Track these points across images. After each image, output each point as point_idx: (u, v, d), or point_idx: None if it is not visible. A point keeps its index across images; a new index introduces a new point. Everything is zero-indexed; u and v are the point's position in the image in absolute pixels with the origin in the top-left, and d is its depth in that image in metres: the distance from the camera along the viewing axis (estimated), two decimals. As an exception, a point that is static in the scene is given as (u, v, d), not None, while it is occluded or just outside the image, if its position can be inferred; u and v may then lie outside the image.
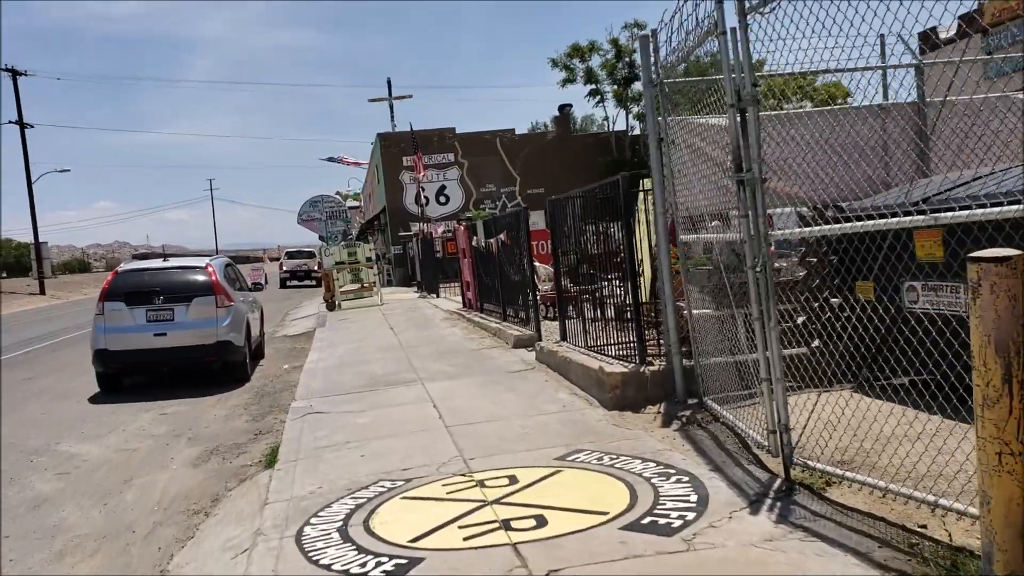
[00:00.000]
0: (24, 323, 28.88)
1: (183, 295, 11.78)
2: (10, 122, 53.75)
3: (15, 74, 53.55)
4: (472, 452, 6.29)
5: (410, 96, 40.40)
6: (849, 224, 4.47)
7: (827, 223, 5.09)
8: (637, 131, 36.84)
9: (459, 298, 21.32)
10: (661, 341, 7.87)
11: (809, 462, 4.86)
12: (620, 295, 8.68)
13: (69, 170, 61.33)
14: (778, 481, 4.95)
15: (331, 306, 22.62)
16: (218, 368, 12.01)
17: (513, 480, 5.47)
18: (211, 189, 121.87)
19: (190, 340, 11.61)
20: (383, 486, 5.65)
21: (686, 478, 5.20)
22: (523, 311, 12.77)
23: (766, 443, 5.26)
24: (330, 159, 41.18)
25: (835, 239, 6.99)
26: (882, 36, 7.44)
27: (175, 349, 11.59)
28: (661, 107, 7.15)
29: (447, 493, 5.36)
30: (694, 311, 7.17)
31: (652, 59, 7.15)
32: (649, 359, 7.65)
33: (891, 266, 6.21)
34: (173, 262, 12.64)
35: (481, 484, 5.44)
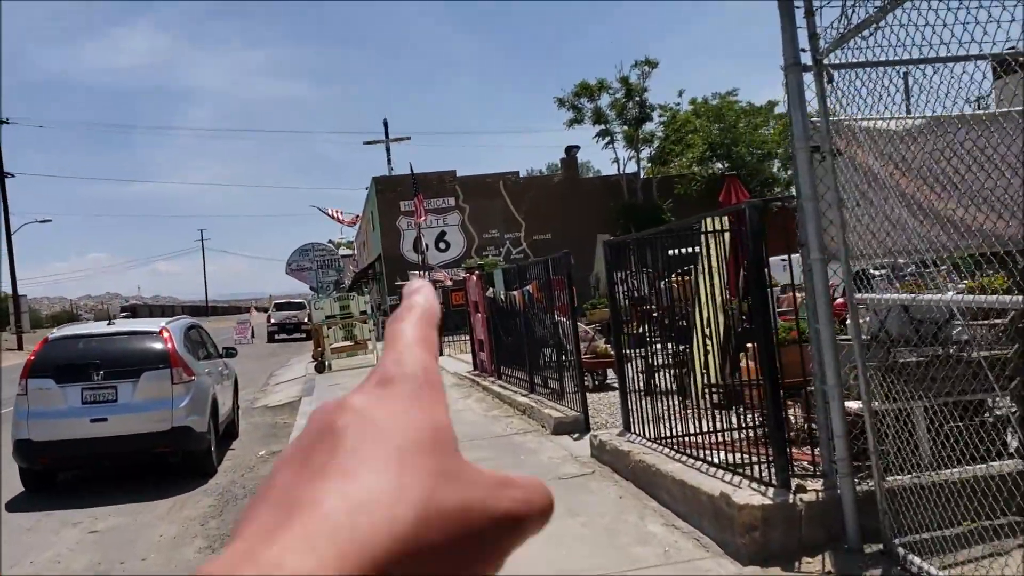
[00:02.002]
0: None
1: (130, 369, 9.20)
2: (-11, 171, 51.54)
3: (-5, 121, 51.37)
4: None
5: (408, 138, 38.26)
6: None
7: None
8: (642, 173, 34.72)
9: (467, 356, 18.76)
10: (809, 449, 5.34)
11: None
12: (722, 366, 6.18)
13: (51, 220, 58.79)
14: None
15: (320, 367, 20.00)
16: (175, 461, 9.41)
17: None
18: (202, 240, 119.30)
19: (138, 426, 9.00)
20: None
21: None
22: (557, 381, 10.25)
23: None
24: (319, 209, 38.98)
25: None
26: None
27: (118, 439, 8.96)
28: (820, 99, 4.70)
29: None
30: (875, 404, 4.66)
31: (803, 24, 4.72)
32: (797, 479, 5.10)
33: None
34: (119, 325, 10.07)
35: None
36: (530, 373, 11.35)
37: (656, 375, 7.35)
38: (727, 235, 7.19)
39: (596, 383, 11.26)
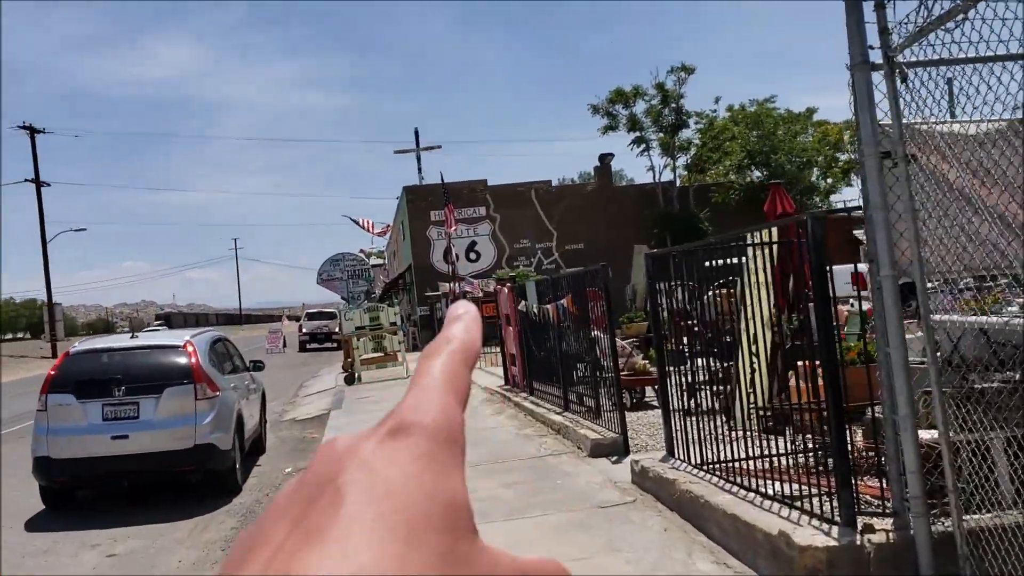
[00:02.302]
0: (15, 394, 26.12)
1: (152, 384, 8.92)
2: (26, 180, 52.14)
3: (32, 131, 51.96)
4: None
5: (439, 147, 37.91)
6: None
7: None
8: (678, 181, 34.09)
9: (497, 370, 18.36)
10: (875, 481, 4.89)
11: None
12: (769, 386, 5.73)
13: (85, 229, 59.59)
14: None
15: (350, 379, 19.70)
16: (198, 480, 9.11)
17: None
18: (235, 248, 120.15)
19: (159, 444, 8.72)
20: None
21: None
22: (592, 399, 9.82)
23: None
24: (350, 219, 38.64)
25: None
26: None
27: (139, 457, 8.69)
28: (892, 99, 4.25)
29: None
30: (951, 435, 4.20)
31: (872, 19, 4.28)
32: (863, 517, 4.64)
33: None
34: (143, 339, 9.78)
35: None
36: (564, 390, 10.93)
37: (698, 394, 6.91)
38: (774, 248, 6.76)
39: (634, 401, 10.82)
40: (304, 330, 43.94)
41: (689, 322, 7.47)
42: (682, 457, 6.86)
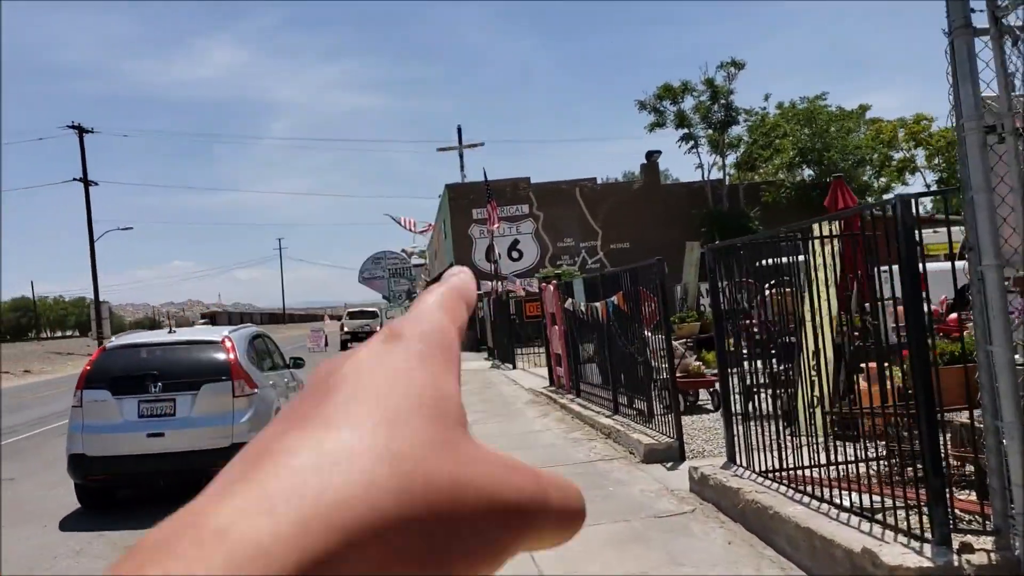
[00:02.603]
0: (57, 392, 26.29)
1: (189, 380, 8.66)
2: (74, 179, 52.89)
3: (81, 131, 52.68)
4: None
5: (481, 144, 37.47)
6: None
7: None
8: (726, 179, 33.30)
9: (541, 371, 17.97)
10: (970, 495, 4.41)
11: None
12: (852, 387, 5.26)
13: (132, 228, 60.06)
14: None
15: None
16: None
17: None
18: (280, 248, 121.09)
19: (196, 443, 8.46)
20: None
21: None
22: (643, 401, 9.37)
23: None
24: (392, 217, 38.40)
25: None
26: None
27: (176, 455, 8.44)
28: (999, 67, 3.78)
29: None
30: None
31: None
32: (960, 535, 4.16)
33: None
34: (180, 334, 9.53)
35: None
36: (614, 392, 10.50)
37: (759, 396, 6.45)
38: (836, 242, 6.31)
39: (687, 405, 10.35)
40: (346, 329, 43.86)
41: (749, 321, 7.02)
42: (744, 464, 6.40)
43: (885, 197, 35.27)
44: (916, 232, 4.25)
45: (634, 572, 4.99)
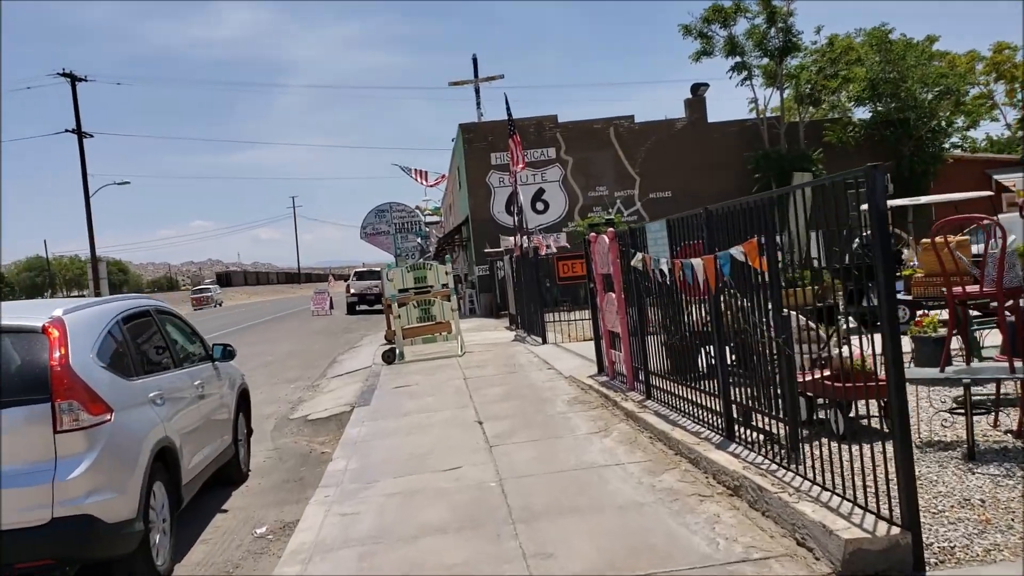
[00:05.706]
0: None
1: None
2: (67, 131, 48.93)
3: (73, 79, 48.55)
4: None
5: (501, 76, 33.27)
6: None
7: None
8: (784, 116, 28.74)
9: (578, 347, 13.84)
10: None
11: None
12: None
13: (128, 182, 55.93)
14: None
15: (389, 356, 15.37)
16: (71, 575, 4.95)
17: None
18: (294, 207, 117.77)
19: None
20: None
21: None
22: (786, 423, 5.27)
23: None
24: (401, 168, 34.11)
25: None
26: None
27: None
28: None
29: None
30: None
31: None
32: None
33: None
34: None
35: None
36: (725, 403, 6.40)
37: None
38: None
39: (814, 421, 6.20)
40: (352, 291, 39.88)
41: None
42: None
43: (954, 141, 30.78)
44: None
45: None
